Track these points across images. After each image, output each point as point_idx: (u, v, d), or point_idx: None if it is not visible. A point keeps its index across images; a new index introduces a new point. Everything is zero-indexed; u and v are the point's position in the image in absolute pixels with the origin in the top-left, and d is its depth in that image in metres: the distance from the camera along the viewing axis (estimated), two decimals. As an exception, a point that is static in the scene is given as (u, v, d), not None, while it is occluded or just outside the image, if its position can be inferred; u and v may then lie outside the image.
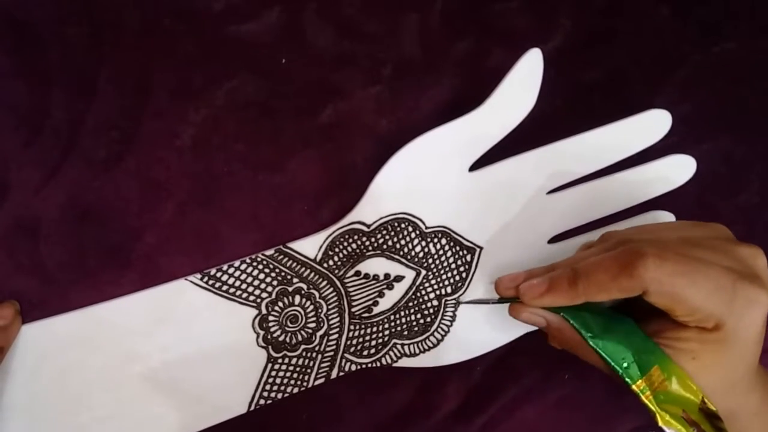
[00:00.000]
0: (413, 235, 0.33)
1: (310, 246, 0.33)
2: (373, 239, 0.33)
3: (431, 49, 0.36)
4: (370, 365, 0.34)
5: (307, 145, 0.34)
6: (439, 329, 0.34)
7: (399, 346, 0.34)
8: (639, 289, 0.25)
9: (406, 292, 0.34)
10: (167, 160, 0.33)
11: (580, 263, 0.27)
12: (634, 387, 0.25)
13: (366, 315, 0.33)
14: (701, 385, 0.25)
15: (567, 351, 0.29)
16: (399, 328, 0.34)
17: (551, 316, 0.28)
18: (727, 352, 0.25)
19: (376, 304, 0.33)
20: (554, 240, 0.35)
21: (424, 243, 0.34)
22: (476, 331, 0.34)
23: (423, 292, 0.34)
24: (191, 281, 0.32)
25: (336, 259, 0.33)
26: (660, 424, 0.25)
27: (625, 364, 0.26)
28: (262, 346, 0.32)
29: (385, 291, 0.34)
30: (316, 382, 0.33)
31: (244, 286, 0.32)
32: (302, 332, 0.33)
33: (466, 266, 0.34)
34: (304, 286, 0.33)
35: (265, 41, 0.34)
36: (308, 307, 0.33)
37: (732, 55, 0.39)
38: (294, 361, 0.33)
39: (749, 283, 0.25)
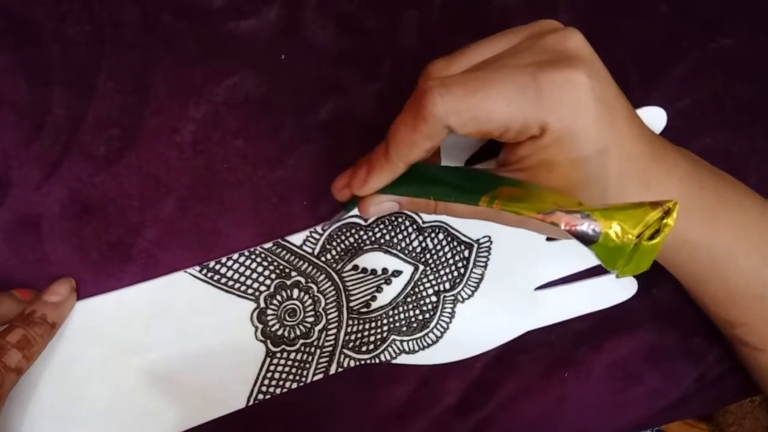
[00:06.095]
0: (410, 229, 0.33)
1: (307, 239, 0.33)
2: (370, 233, 0.33)
3: (430, 44, 0.36)
4: (368, 361, 0.34)
5: (306, 141, 0.34)
6: (438, 326, 0.34)
7: (398, 343, 0.34)
8: (442, 128, 0.22)
9: (405, 287, 0.34)
10: (167, 156, 0.33)
11: (390, 129, 0.24)
12: (480, 203, 0.22)
13: (364, 310, 0.34)
14: (579, 192, 0.23)
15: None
16: (397, 324, 0.34)
17: (395, 197, 0.26)
18: (574, 146, 0.23)
19: (374, 299, 0.34)
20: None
21: (421, 238, 0.34)
22: (475, 329, 0.34)
23: (421, 288, 0.34)
24: (190, 273, 0.32)
25: (334, 252, 0.33)
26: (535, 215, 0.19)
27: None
28: (261, 340, 0.33)
29: (383, 286, 0.34)
30: (315, 378, 0.33)
31: (242, 279, 0.32)
32: (301, 326, 0.33)
33: (464, 262, 0.34)
34: (302, 280, 0.33)
35: (264, 37, 0.34)
36: (306, 300, 0.33)
37: (730, 51, 0.39)
38: (292, 355, 0.33)
39: (554, 69, 0.22)
